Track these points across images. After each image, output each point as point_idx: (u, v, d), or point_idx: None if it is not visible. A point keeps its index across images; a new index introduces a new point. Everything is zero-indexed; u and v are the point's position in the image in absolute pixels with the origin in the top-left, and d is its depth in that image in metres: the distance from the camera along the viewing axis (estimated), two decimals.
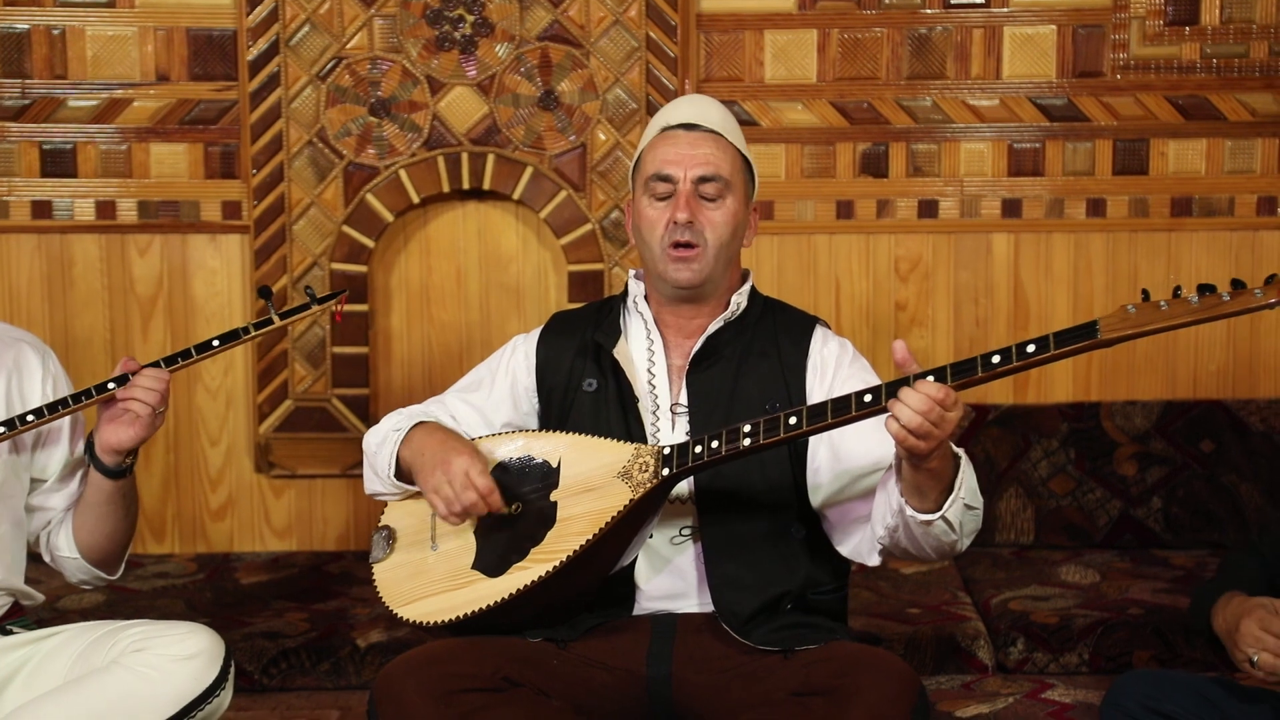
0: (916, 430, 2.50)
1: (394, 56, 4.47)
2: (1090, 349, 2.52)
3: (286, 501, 4.66)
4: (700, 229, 2.92)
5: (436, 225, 4.62)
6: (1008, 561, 4.26)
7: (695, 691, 2.83)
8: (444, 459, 2.86)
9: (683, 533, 2.91)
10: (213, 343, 3.08)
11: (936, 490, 2.62)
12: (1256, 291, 2.42)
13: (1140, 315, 2.48)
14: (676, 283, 2.94)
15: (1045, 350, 2.51)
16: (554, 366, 3.06)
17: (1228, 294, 2.43)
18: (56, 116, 4.51)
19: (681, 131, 2.97)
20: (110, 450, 3.05)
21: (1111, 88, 4.47)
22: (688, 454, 2.75)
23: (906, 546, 2.73)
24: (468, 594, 2.82)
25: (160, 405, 3.03)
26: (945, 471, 2.62)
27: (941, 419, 2.51)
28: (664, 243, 2.93)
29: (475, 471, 2.83)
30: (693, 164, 2.93)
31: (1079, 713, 3.25)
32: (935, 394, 2.51)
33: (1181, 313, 2.46)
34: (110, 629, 2.97)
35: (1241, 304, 2.43)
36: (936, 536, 2.67)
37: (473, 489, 2.82)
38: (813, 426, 2.65)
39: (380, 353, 4.63)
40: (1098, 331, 2.49)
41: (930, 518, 2.64)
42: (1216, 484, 4.35)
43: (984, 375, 2.54)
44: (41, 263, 4.58)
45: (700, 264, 2.93)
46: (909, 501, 2.65)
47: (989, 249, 4.56)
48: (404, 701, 2.69)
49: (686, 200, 2.91)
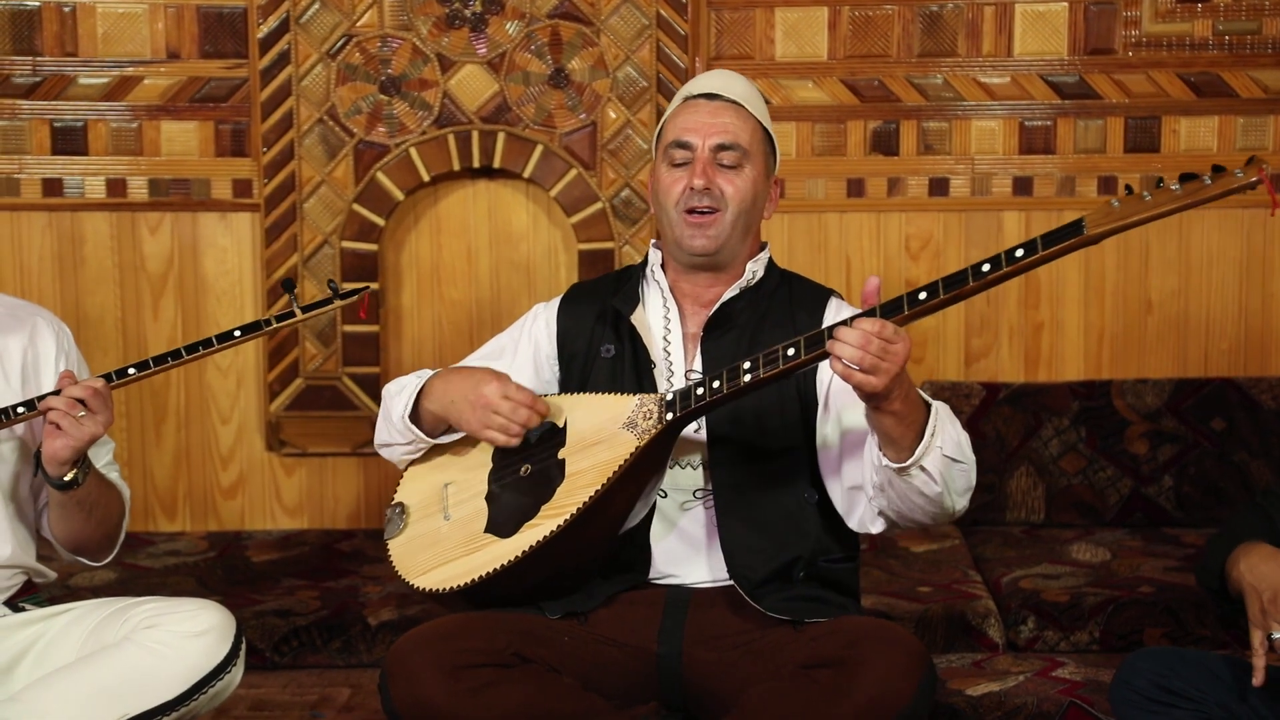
0: (860, 364, 2.51)
1: (404, 34, 4.46)
2: (1078, 246, 2.49)
3: (297, 480, 4.67)
4: (718, 194, 2.92)
5: (447, 204, 4.62)
6: (1018, 540, 4.26)
7: (705, 668, 2.83)
8: (475, 394, 2.87)
9: (695, 496, 2.92)
10: (234, 333, 3.04)
11: (909, 437, 2.62)
12: (1237, 172, 2.40)
13: (1125, 208, 2.46)
14: (692, 249, 2.94)
15: (1034, 252, 2.50)
16: (575, 333, 3.06)
17: (1209, 178, 2.41)
18: (67, 94, 4.51)
19: (703, 101, 2.99)
20: (48, 459, 2.94)
21: (1123, 65, 4.46)
22: (690, 396, 2.75)
23: (899, 506, 2.72)
24: (482, 557, 2.82)
25: (76, 410, 2.89)
26: (913, 415, 2.61)
27: (884, 351, 2.52)
28: (680, 208, 2.93)
29: (511, 389, 2.85)
30: (711, 132, 2.94)
31: (1089, 691, 3.25)
32: (869, 327, 2.52)
33: (1165, 200, 2.43)
34: (122, 606, 2.97)
35: (1223, 186, 2.41)
36: (919, 490, 2.66)
37: (520, 406, 2.84)
38: (810, 355, 2.63)
39: (391, 331, 4.64)
40: (1084, 228, 2.47)
41: (904, 465, 2.63)
42: (1228, 462, 4.35)
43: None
44: (52, 241, 4.59)
45: (717, 229, 2.93)
46: (885, 453, 2.65)
47: (1000, 227, 4.55)
48: (415, 677, 2.69)
49: (704, 167, 2.92)
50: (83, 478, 2.98)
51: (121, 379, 2.99)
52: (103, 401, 2.93)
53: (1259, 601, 2.70)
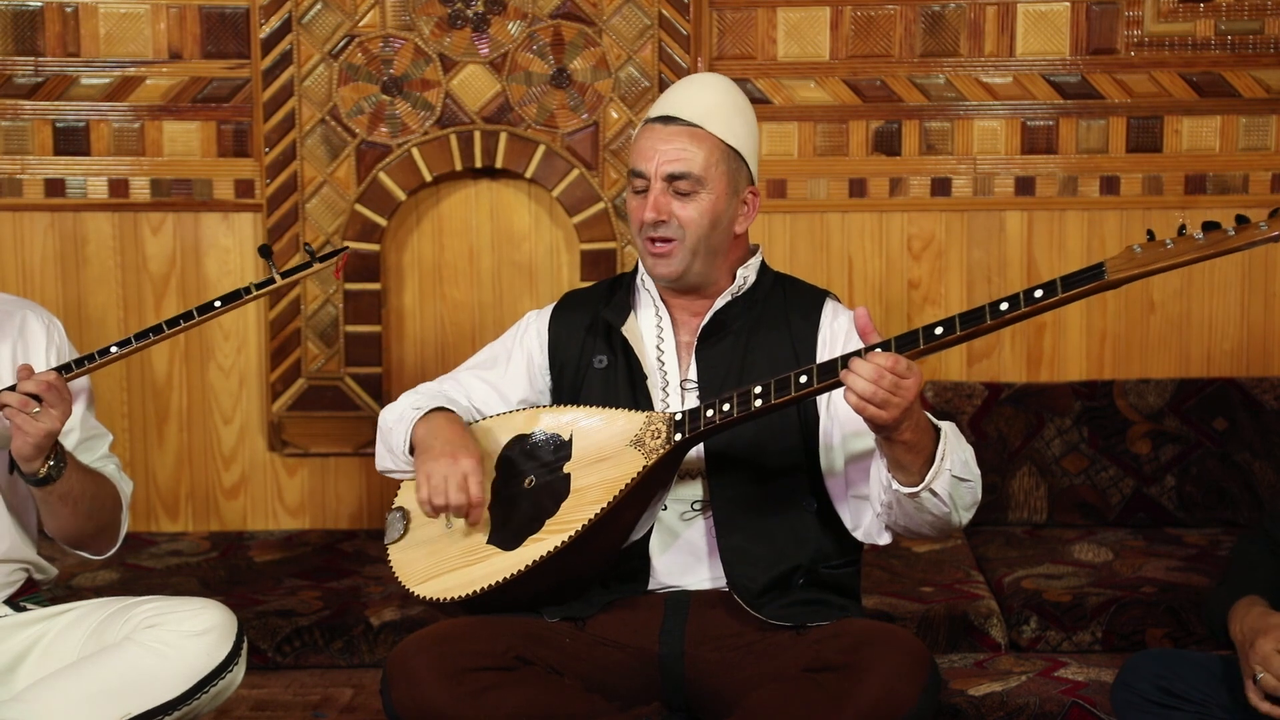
0: (872, 399, 2.51)
1: (406, 34, 4.46)
2: (1098, 290, 2.51)
3: (299, 480, 4.67)
4: (674, 224, 2.89)
5: (449, 204, 4.62)
6: (1021, 540, 4.26)
7: (707, 669, 2.83)
8: (454, 452, 2.85)
9: (694, 507, 2.91)
10: (215, 304, 2.99)
11: (918, 463, 2.62)
12: (1261, 225, 2.41)
13: (1146, 254, 2.47)
14: (657, 276, 2.95)
15: (1053, 294, 2.51)
16: (566, 343, 3.06)
17: (1233, 229, 2.42)
18: (69, 94, 4.52)
19: (659, 125, 2.93)
20: (17, 457, 2.90)
21: (1125, 65, 4.45)
22: (699, 418, 2.75)
23: (904, 524, 2.74)
24: (484, 568, 2.82)
25: (29, 407, 2.83)
26: (923, 443, 2.62)
27: (896, 386, 2.52)
28: (642, 235, 2.93)
29: (475, 481, 2.82)
30: (663, 161, 2.89)
31: (1092, 691, 3.25)
32: (884, 362, 2.52)
33: (1187, 249, 2.44)
34: (123, 605, 2.97)
35: (1246, 238, 2.42)
36: (928, 510, 2.67)
37: (465, 493, 2.82)
38: (824, 383, 2.64)
39: (393, 331, 4.64)
40: (1105, 273, 2.49)
41: (913, 490, 2.64)
42: (1230, 462, 4.34)
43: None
44: (55, 241, 4.59)
45: (677, 258, 2.91)
46: (894, 476, 2.65)
47: (1002, 227, 4.55)
48: (416, 679, 2.69)
49: (655, 200, 2.89)
50: (57, 473, 2.92)
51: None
52: (57, 394, 2.86)
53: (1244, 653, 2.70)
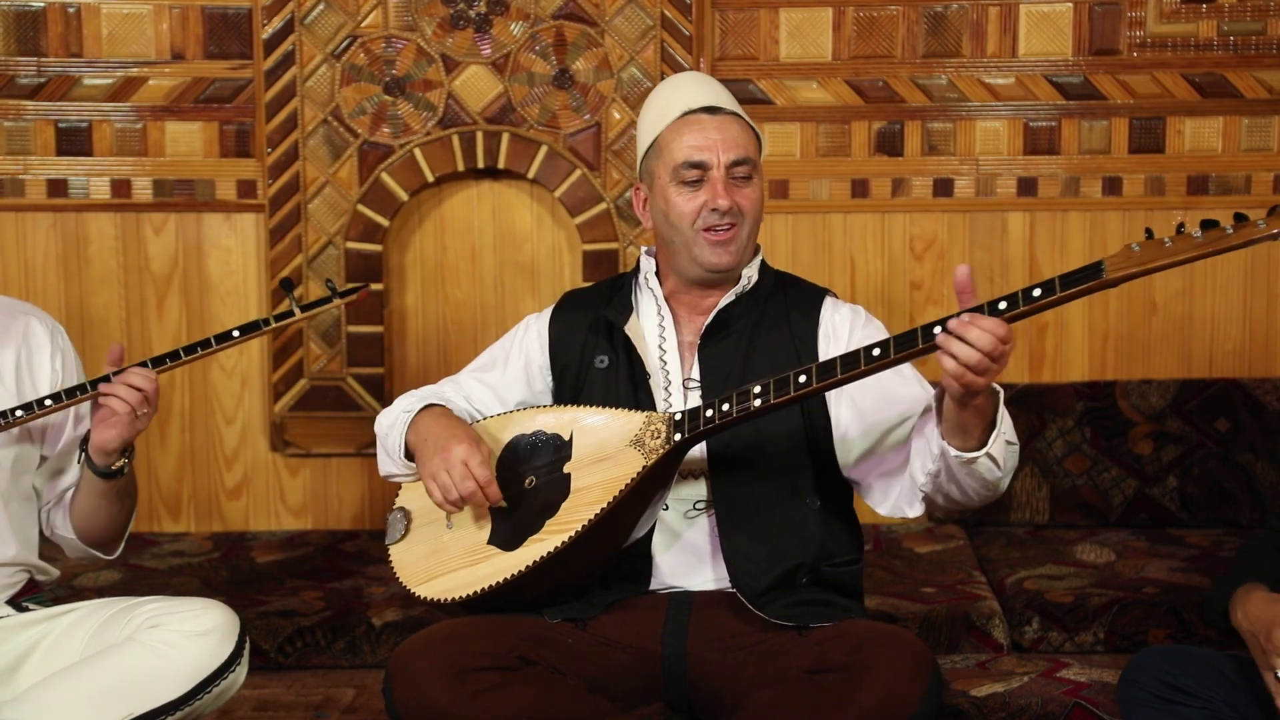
0: (976, 367, 2.50)
1: (408, 35, 4.46)
2: (1097, 289, 2.51)
3: (302, 480, 4.67)
4: (737, 209, 2.92)
5: (451, 204, 4.62)
6: (1023, 540, 4.26)
7: (710, 669, 2.83)
8: (444, 446, 2.86)
9: (696, 506, 2.91)
10: (233, 333, 3.08)
11: (980, 427, 2.62)
12: (1260, 223, 2.41)
13: (1145, 253, 2.47)
14: (715, 266, 2.94)
15: (1051, 294, 2.51)
16: (566, 344, 3.06)
17: (1231, 227, 2.43)
18: (72, 95, 4.52)
19: (706, 116, 2.95)
20: (98, 449, 3.00)
21: (1128, 65, 4.45)
22: (699, 418, 2.75)
23: (949, 490, 2.72)
24: (485, 569, 2.82)
25: (143, 407, 2.96)
26: (988, 407, 2.61)
27: (1003, 354, 2.52)
28: (697, 228, 2.92)
29: (475, 461, 2.83)
30: (725, 149, 2.92)
31: (1094, 692, 3.24)
32: (998, 331, 2.50)
33: (1186, 248, 2.44)
34: (125, 605, 2.97)
35: (1244, 236, 2.43)
36: (981, 475, 2.66)
37: (471, 479, 2.82)
38: (823, 383, 2.65)
39: (395, 332, 4.64)
40: (1103, 271, 2.49)
41: (974, 455, 2.62)
42: (1232, 463, 4.34)
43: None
44: (57, 241, 4.59)
45: (737, 244, 2.93)
46: (951, 442, 2.63)
47: (1004, 228, 4.55)
48: (419, 679, 2.69)
49: (726, 187, 2.91)
50: (128, 467, 3.04)
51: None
52: (157, 397, 3.00)
53: (1258, 644, 2.72)
